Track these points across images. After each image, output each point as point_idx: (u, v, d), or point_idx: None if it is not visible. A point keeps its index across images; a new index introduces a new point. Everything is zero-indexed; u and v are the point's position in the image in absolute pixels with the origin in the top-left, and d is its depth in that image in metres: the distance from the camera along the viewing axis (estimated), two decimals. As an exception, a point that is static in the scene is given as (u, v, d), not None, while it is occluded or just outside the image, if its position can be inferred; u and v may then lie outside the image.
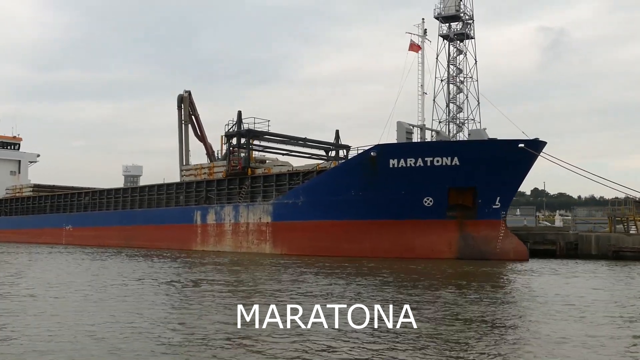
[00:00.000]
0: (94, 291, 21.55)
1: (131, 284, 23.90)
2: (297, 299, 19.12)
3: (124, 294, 20.58)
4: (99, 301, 18.96)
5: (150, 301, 18.87)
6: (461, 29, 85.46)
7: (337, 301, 18.71)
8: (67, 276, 27.67)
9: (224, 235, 48.89)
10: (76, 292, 21.40)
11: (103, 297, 20.00)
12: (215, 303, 18.41)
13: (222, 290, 21.91)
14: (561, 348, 12.55)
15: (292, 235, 44.00)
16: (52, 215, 71.49)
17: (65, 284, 24.16)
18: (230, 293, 20.95)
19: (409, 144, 40.73)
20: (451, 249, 39.92)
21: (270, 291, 21.51)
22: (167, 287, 22.93)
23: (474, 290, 22.25)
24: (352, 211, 41.48)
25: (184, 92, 67.08)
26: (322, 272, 29.39)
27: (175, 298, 20.10)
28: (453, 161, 38.82)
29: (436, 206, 39.98)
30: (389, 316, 15.72)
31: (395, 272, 29.85)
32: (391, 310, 16.77)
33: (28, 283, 24.72)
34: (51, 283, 24.41)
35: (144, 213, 57.38)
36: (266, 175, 47.75)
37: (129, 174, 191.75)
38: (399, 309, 16.98)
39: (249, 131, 48.84)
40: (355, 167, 41.04)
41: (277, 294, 20.56)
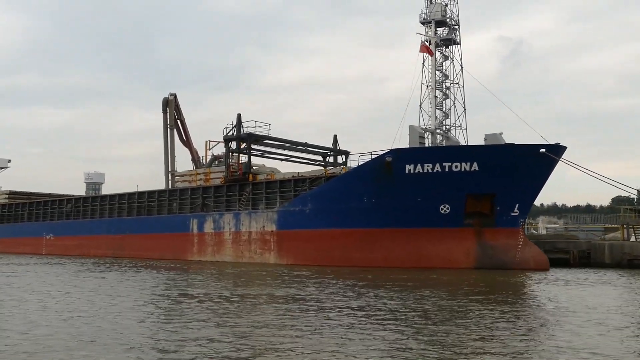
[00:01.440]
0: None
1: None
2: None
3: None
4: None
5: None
6: (447, 34, 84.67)
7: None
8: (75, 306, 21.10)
9: (223, 245, 46.33)
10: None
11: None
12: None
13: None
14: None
15: (299, 244, 41.75)
16: (30, 224, 67.78)
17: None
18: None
19: (426, 149, 38.98)
20: (469, 258, 38.19)
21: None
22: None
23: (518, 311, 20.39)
24: (364, 219, 39.48)
25: (169, 95, 64.46)
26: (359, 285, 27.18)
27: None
28: (472, 167, 37.18)
29: (453, 214, 38.25)
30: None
31: (431, 286, 27.89)
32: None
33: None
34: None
35: (134, 221, 54.40)
36: (269, 181, 45.42)
37: (91, 182, 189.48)
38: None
39: (250, 135, 46.49)
40: (368, 173, 39.05)
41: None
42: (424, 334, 14.79)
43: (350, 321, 16.54)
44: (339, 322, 16.47)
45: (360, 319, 17.01)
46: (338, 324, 16.16)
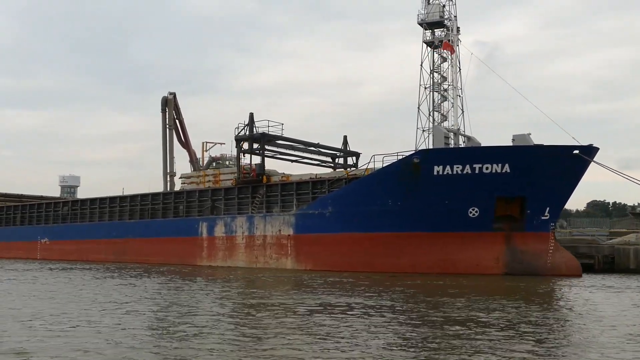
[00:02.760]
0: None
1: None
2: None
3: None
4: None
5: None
6: (445, 35, 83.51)
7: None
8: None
9: (235, 249, 44.29)
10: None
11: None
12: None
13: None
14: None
15: (318, 249, 39.91)
16: (23, 228, 65.00)
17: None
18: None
19: (456, 149, 37.44)
20: (498, 264, 36.68)
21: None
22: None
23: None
24: (388, 223, 37.77)
25: (169, 95, 62.55)
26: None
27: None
28: (503, 168, 35.70)
29: (482, 217, 36.71)
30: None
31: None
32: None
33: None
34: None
35: (138, 225, 52.06)
36: (284, 183, 43.51)
37: (66, 184, 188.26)
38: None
39: (264, 135, 44.57)
40: (393, 175, 37.37)
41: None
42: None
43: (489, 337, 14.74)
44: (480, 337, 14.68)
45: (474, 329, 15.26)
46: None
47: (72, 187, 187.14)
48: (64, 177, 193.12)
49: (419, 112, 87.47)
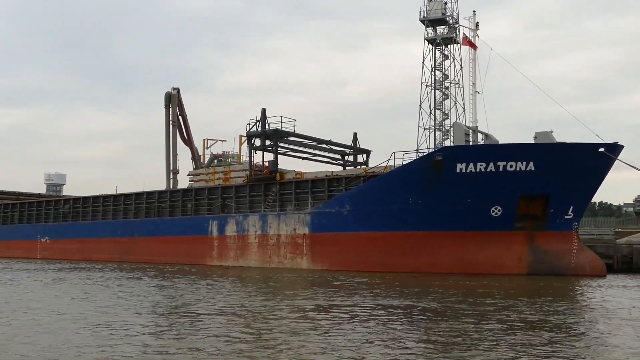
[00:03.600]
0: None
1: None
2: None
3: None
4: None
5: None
6: (447, 33, 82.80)
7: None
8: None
9: (248, 249, 43.18)
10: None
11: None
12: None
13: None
14: None
15: (335, 248, 38.93)
16: (22, 226, 63.42)
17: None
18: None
19: (480, 147, 36.59)
20: (521, 264, 35.92)
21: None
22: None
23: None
24: (408, 221, 36.89)
25: (172, 90, 61.24)
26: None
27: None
28: (528, 166, 34.91)
29: (504, 216, 35.93)
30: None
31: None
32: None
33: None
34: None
35: (144, 223, 50.77)
36: (299, 180, 42.46)
37: (52, 183, 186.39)
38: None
39: (277, 131, 43.51)
40: (414, 172, 36.48)
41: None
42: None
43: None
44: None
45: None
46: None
47: (58, 186, 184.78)
48: (49, 175, 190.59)
49: (420, 110, 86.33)
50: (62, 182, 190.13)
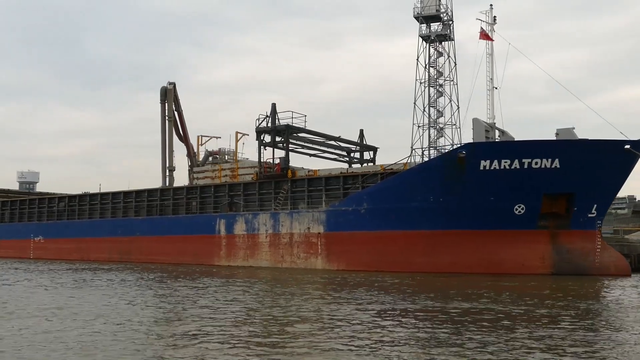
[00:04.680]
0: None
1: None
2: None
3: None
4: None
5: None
6: (442, 29, 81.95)
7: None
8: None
9: (258, 248, 41.77)
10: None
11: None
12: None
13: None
14: None
15: (352, 247, 37.73)
16: (13, 225, 61.19)
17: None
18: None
19: (505, 143, 35.63)
20: (544, 263, 35.09)
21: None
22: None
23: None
24: (429, 220, 35.84)
25: (168, 84, 59.69)
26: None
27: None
28: (553, 164, 34.06)
29: (528, 215, 35.04)
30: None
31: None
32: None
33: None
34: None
35: (146, 222, 49.02)
36: (312, 178, 41.16)
37: (25, 180, 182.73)
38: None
39: (288, 127, 42.16)
40: (435, 169, 35.44)
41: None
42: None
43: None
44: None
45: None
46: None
47: (32, 184, 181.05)
48: (22, 172, 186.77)
49: (414, 108, 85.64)
50: (36, 180, 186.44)
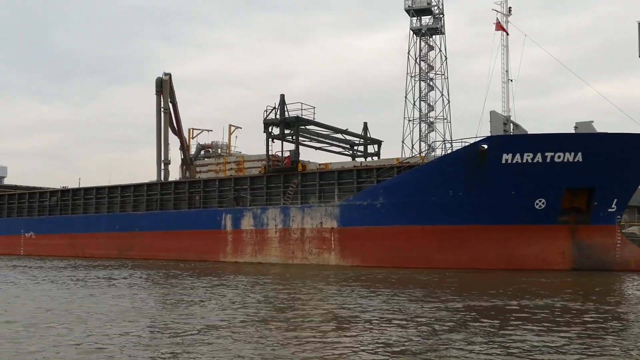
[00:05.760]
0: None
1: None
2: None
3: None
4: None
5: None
6: (433, 23, 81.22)
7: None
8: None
9: (267, 244, 40.49)
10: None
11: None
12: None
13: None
14: None
15: (367, 243, 36.69)
16: (2, 220, 58.90)
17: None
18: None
19: (528, 136, 34.85)
20: (565, 259, 34.46)
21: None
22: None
23: None
24: (448, 215, 34.97)
25: (164, 75, 57.96)
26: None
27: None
28: (576, 157, 33.39)
29: (548, 209, 34.38)
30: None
31: None
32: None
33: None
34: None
35: (147, 217, 47.37)
36: (323, 171, 40.00)
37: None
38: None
39: (298, 119, 40.92)
40: (456, 163, 34.53)
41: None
42: None
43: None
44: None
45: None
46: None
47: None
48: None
49: (405, 102, 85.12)
50: (4, 174, 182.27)
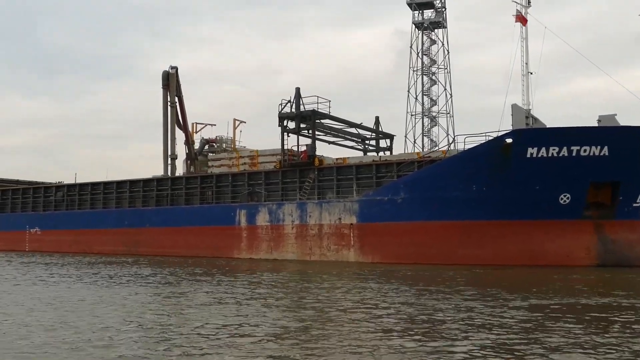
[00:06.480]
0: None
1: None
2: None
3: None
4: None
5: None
6: (435, 17, 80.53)
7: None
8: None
9: (283, 240, 39.74)
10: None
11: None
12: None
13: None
14: None
15: (388, 239, 36.03)
16: (6, 215, 57.88)
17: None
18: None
19: (554, 129, 34.23)
20: (590, 254, 33.95)
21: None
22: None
23: None
24: (471, 210, 34.36)
25: (170, 69, 57.19)
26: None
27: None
28: (602, 151, 32.86)
29: (573, 204, 33.84)
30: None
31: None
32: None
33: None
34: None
35: (157, 212, 46.50)
36: (341, 166, 39.27)
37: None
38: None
39: (315, 113, 40.14)
40: (479, 157, 33.90)
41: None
42: None
43: None
44: None
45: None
46: None
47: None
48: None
49: (408, 96, 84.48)
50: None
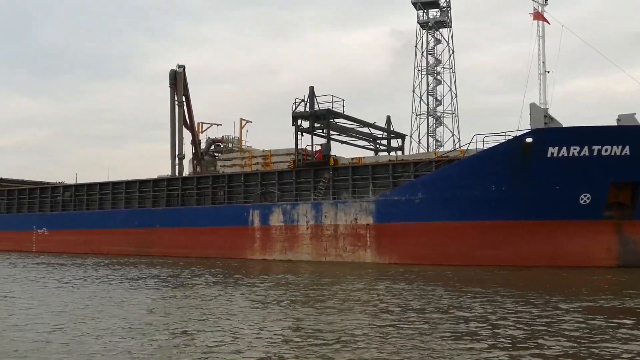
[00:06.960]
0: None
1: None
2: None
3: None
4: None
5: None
6: (440, 16, 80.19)
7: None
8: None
9: (298, 241, 39.29)
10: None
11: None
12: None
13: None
14: None
15: (405, 240, 35.62)
16: (13, 215, 57.36)
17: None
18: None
19: (575, 129, 33.84)
20: (610, 255, 33.61)
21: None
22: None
23: None
24: (490, 210, 33.99)
25: (177, 67, 56.81)
26: None
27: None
28: (623, 150, 32.50)
29: (593, 204, 33.47)
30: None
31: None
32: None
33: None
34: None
35: (168, 212, 46.00)
36: (357, 166, 38.84)
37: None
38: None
39: (329, 112, 39.70)
40: (499, 157, 33.52)
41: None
42: None
43: None
44: None
45: None
46: None
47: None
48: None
49: (413, 96, 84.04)
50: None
